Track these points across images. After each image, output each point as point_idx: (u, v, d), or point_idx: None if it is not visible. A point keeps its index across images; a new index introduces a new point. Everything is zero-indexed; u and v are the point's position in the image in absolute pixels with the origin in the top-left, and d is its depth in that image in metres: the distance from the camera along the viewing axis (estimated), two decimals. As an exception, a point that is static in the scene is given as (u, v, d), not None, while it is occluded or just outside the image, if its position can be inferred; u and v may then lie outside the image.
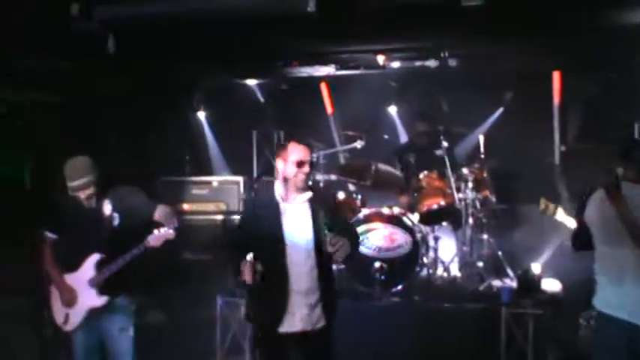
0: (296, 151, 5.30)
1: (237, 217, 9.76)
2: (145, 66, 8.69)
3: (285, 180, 5.35)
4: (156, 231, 5.85)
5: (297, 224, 5.31)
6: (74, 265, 5.97)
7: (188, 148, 10.74)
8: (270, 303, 5.32)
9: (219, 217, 9.82)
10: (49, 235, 6.10)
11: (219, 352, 7.84)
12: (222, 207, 9.80)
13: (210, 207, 9.84)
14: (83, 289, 5.93)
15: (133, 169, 9.82)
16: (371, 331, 7.63)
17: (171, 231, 5.88)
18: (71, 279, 5.99)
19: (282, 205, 5.35)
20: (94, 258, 5.89)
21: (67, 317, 6.00)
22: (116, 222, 5.95)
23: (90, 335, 6.00)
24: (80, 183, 5.81)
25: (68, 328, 6.02)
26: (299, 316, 5.28)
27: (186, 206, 9.81)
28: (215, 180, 10.08)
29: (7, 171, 9.04)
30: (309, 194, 5.36)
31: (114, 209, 5.95)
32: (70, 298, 5.96)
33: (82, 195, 5.85)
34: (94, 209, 5.92)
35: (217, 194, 9.89)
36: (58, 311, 6.05)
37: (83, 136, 9.06)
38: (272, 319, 5.31)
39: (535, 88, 9.85)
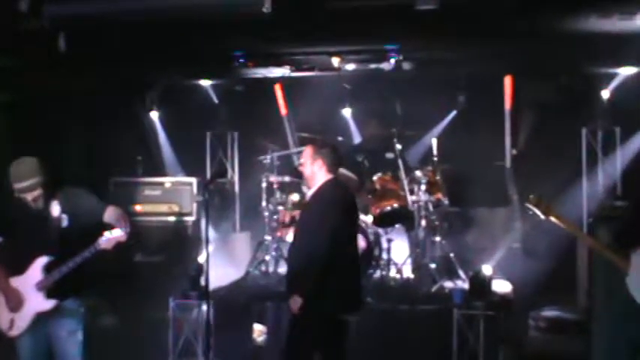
0: None
1: (189, 219, 9.74)
2: (98, 65, 8.57)
3: None
4: (107, 233, 5.75)
5: None
6: (21, 269, 5.79)
7: (141, 149, 10.62)
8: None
9: (172, 218, 9.74)
10: None
11: (172, 354, 7.77)
12: (175, 208, 9.72)
13: (163, 208, 9.75)
14: (30, 292, 5.78)
15: (84, 169, 9.74)
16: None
17: (122, 233, 5.79)
18: (17, 282, 5.81)
19: None
20: (42, 261, 5.75)
21: (12, 322, 5.83)
22: (65, 223, 5.82)
23: (37, 340, 5.84)
24: (27, 184, 5.67)
25: (14, 333, 5.85)
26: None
27: (138, 207, 9.70)
28: (168, 181, 9.98)
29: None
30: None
31: (62, 210, 5.83)
32: (16, 303, 5.81)
33: (29, 197, 5.71)
34: (42, 211, 5.78)
35: (170, 195, 9.80)
36: (3, 316, 5.88)
37: (32, 136, 8.92)
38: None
39: (487, 92, 9.98)
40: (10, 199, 5.80)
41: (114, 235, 5.75)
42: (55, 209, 5.80)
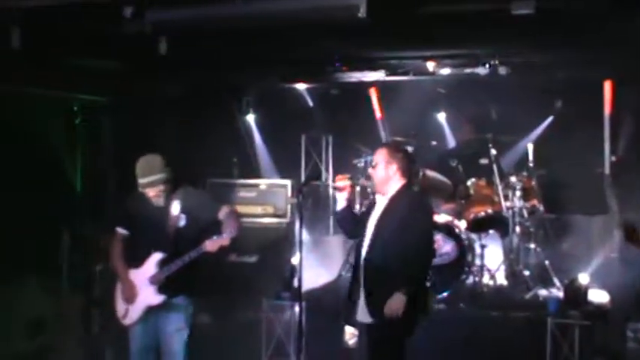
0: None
1: (283, 221, 9.86)
2: (196, 68, 8.78)
3: None
4: (214, 236, 5.93)
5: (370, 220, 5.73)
6: (138, 262, 6.06)
7: (237, 151, 10.80)
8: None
9: (266, 219, 9.86)
10: (120, 230, 6.20)
11: (264, 355, 7.87)
12: (270, 210, 9.84)
13: (258, 210, 9.88)
14: (143, 286, 6.01)
15: (182, 170, 9.98)
16: (416, 338, 7.59)
17: (227, 238, 5.94)
18: (134, 275, 6.08)
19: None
20: (157, 256, 5.96)
21: (126, 312, 6.12)
22: (182, 222, 6.04)
23: (147, 332, 6.08)
24: (150, 180, 5.92)
25: (127, 322, 6.13)
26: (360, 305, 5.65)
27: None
28: (263, 183, 10.12)
29: (58, 172, 9.21)
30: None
31: (182, 210, 6.05)
32: (130, 294, 6.04)
33: (151, 192, 5.95)
34: (163, 208, 6.02)
35: (265, 197, 9.93)
36: (120, 305, 6.17)
37: (133, 137, 9.21)
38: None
39: (586, 97, 9.74)
40: (135, 195, 6.08)
41: (219, 239, 5.90)
42: (175, 208, 6.00)
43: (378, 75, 9.48)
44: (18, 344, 7.90)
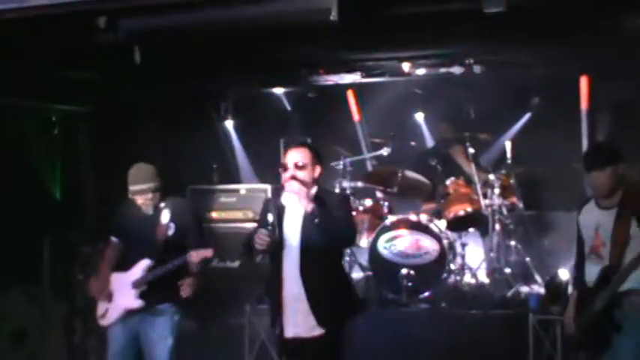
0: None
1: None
2: (172, 76, 8.77)
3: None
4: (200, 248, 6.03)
5: (292, 226, 5.36)
6: (127, 266, 6.15)
7: (216, 157, 10.80)
8: (271, 307, 5.48)
9: (248, 224, 9.85)
10: (114, 240, 6.35)
11: (248, 359, 7.88)
12: (250, 215, 9.81)
13: (238, 215, 9.86)
14: (126, 288, 6.08)
15: (163, 177, 9.95)
16: (398, 338, 7.63)
17: (210, 251, 6.03)
18: (119, 277, 6.17)
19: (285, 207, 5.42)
20: (145, 262, 6.05)
21: (105, 312, 6.17)
22: (171, 232, 6.09)
23: (126, 336, 6.13)
24: (140, 188, 6.03)
25: (104, 322, 6.20)
26: (292, 321, 5.30)
27: (214, 214, 9.85)
28: (243, 188, 10.11)
29: (37, 181, 9.19)
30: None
31: (170, 219, 6.08)
32: (101, 288, 6.17)
33: (140, 200, 6.04)
34: (151, 216, 6.09)
35: (245, 202, 9.91)
36: (100, 305, 6.23)
37: (110, 146, 9.20)
38: (272, 323, 5.44)
39: (562, 93, 9.78)
40: (126, 202, 6.20)
41: (203, 251, 6.01)
42: (165, 216, 6.06)
43: (355, 77, 9.51)
44: (1, 355, 7.89)
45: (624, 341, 5.13)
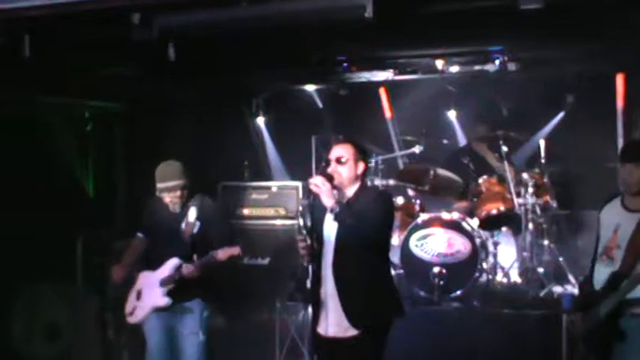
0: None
1: (295, 222, 9.84)
2: (206, 73, 8.80)
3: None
4: (226, 246, 6.03)
5: (330, 225, 5.33)
6: (156, 265, 6.20)
7: (248, 153, 10.82)
8: (311, 305, 5.47)
9: (278, 221, 9.86)
10: (139, 235, 6.45)
11: (278, 356, 7.89)
12: (282, 212, 9.82)
13: (270, 212, 9.87)
14: (154, 287, 6.13)
15: (194, 174, 10.00)
16: (429, 336, 7.60)
17: (238, 249, 6.01)
18: (147, 276, 6.24)
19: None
20: (174, 261, 6.07)
21: (134, 309, 6.23)
22: (196, 229, 6.10)
23: (160, 333, 6.24)
24: (169, 185, 6.05)
25: (132, 320, 6.26)
26: (328, 320, 5.28)
27: (245, 211, 9.87)
28: (274, 185, 10.11)
29: (71, 178, 9.26)
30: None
31: (197, 217, 6.10)
32: (124, 277, 6.34)
33: (168, 197, 6.06)
34: (178, 214, 6.11)
35: (276, 199, 9.91)
36: (129, 302, 6.32)
37: (143, 144, 9.25)
38: (313, 321, 5.41)
39: (598, 91, 9.67)
40: (154, 200, 6.28)
41: (230, 249, 6.01)
42: (192, 214, 6.08)
43: (387, 74, 9.47)
44: (36, 349, 7.99)
45: (628, 349, 5.04)
